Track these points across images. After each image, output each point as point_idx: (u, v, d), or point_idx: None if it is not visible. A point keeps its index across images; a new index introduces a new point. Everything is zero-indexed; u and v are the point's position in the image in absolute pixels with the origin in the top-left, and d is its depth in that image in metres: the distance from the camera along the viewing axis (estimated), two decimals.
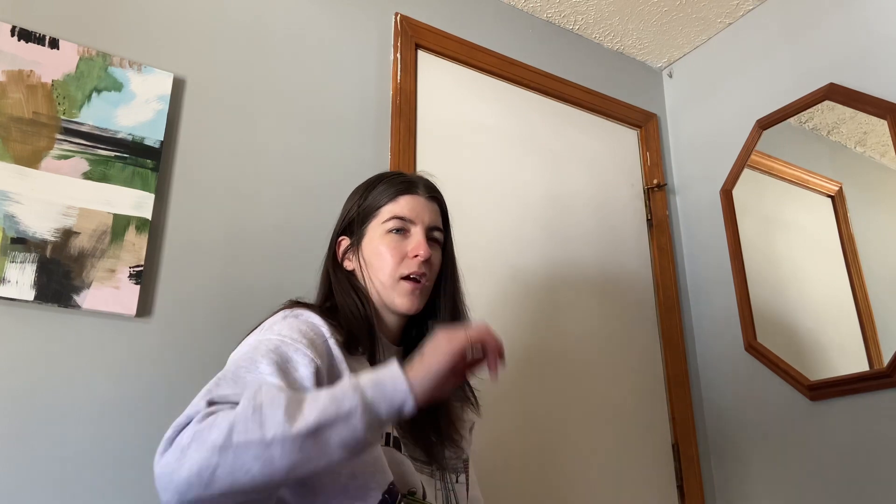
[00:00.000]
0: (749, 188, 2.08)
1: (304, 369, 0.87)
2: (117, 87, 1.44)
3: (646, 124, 2.35)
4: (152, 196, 1.41)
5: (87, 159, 1.37)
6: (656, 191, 2.27)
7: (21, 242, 1.27)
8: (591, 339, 1.97)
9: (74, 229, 1.32)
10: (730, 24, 2.26)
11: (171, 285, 1.40)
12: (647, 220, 2.24)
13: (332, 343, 0.95)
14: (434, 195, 1.14)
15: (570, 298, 1.97)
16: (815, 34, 1.99)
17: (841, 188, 1.89)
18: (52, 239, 1.30)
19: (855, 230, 1.82)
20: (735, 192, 2.10)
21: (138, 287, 1.35)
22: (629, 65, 2.42)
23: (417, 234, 1.08)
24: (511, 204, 1.95)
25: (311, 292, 1.54)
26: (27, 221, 1.28)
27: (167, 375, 1.35)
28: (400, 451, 0.98)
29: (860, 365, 1.72)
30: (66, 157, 1.35)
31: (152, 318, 1.37)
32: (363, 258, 1.09)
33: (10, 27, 1.36)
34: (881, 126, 1.77)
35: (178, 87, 1.53)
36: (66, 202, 1.33)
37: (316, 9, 1.80)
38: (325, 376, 0.89)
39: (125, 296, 1.33)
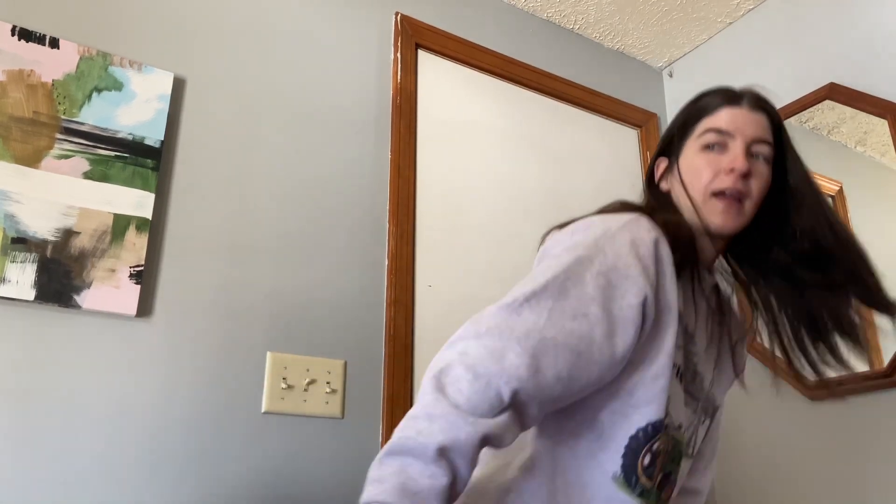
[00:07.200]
0: None
1: (632, 298, 0.84)
2: (117, 86, 1.44)
3: (646, 124, 2.35)
4: (153, 196, 1.41)
5: (87, 159, 1.37)
6: None
7: (21, 242, 1.27)
8: None
9: (75, 229, 1.32)
10: (730, 23, 2.26)
11: (171, 285, 1.40)
12: None
13: (668, 269, 0.89)
14: (762, 106, 1.03)
15: None
16: (815, 34, 1.99)
17: (841, 188, 1.89)
18: (53, 239, 1.30)
19: (855, 230, 1.82)
20: None
21: (138, 287, 1.35)
22: (629, 64, 2.42)
23: (736, 147, 0.98)
24: (511, 203, 1.95)
25: (312, 292, 1.55)
26: (27, 221, 1.28)
27: (167, 375, 1.35)
28: (679, 382, 0.95)
29: (860, 365, 1.71)
30: (67, 157, 1.35)
31: (152, 318, 1.37)
32: (679, 175, 1.02)
33: (10, 27, 1.36)
34: (881, 126, 1.77)
35: (179, 86, 1.53)
36: (67, 202, 1.33)
37: (316, 8, 1.80)
38: (653, 305, 0.86)
39: (125, 296, 1.33)
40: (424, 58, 1.94)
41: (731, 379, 1.12)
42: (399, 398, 1.57)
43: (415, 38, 1.92)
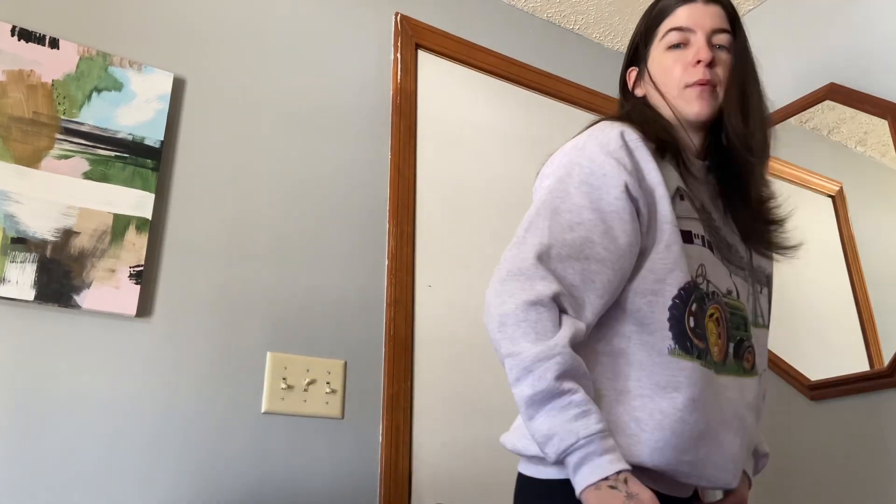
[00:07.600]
0: None
1: (615, 191, 0.92)
2: (117, 86, 1.44)
3: None
4: (152, 196, 1.41)
5: (87, 159, 1.37)
6: None
7: (21, 242, 1.27)
8: None
9: (75, 229, 1.32)
10: None
11: (171, 285, 1.40)
12: None
13: (641, 153, 0.96)
14: None
15: None
16: (815, 34, 1.99)
17: (841, 188, 1.89)
18: (53, 239, 1.30)
19: (855, 230, 1.82)
20: None
21: (138, 287, 1.35)
22: None
23: (698, 40, 1.05)
24: (511, 203, 1.95)
25: (312, 292, 1.55)
26: (27, 221, 1.28)
27: (167, 375, 1.35)
28: (713, 253, 1.00)
29: (860, 365, 1.72)
30: (67, 157, 1.35)
31: (152, 318, 1.37)
32: (650, 79, 1.09)
33: (10, 27, 1.36)
34: (882, 126, 1.77)
35: (178, 87, 1.53)
36: (67, 202, 1.33)
37: (316, 9, 1.80)
38: (637, 188, 0.93)
39: (125, 296, 1.33)
40: (424, 58, 1.94)
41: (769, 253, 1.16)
42: (399, 398, 1.57)
43: (415, 38, 1.92)
